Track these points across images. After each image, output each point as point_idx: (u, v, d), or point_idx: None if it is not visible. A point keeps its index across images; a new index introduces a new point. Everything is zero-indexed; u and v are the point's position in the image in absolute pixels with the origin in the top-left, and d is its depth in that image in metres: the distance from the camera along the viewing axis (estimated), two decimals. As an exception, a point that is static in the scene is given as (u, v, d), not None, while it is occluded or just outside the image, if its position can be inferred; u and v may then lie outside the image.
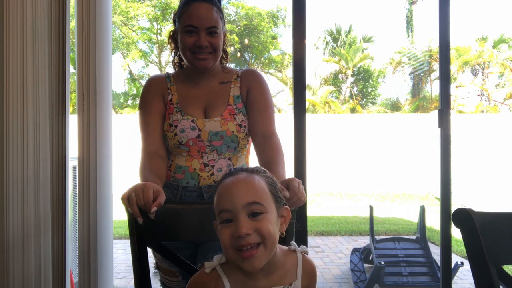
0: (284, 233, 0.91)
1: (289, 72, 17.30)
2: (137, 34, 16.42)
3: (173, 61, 1.49)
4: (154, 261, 1.41)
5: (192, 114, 1.36)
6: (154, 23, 16.17)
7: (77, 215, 1.83)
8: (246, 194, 0.85)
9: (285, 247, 0.94)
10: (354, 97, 18.77)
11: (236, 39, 16.00)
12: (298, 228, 0.96)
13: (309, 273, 0.93)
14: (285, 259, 0.91)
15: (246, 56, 17.83)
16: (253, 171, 0.91)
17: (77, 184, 1.82)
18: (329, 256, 4.61)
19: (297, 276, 0.90)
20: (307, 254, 0.94)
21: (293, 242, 0.95)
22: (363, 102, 19.26)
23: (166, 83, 1.42)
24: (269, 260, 0.86)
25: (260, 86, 1.42)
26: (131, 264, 1.07)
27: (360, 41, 19.03)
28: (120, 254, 4.49)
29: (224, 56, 1.44)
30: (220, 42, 1.35)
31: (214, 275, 0.89)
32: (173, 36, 1.43)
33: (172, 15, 1.44)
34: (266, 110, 1.40)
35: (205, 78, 1.42)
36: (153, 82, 1.44)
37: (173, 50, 1.45)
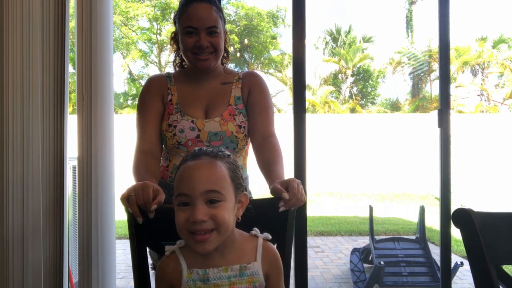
0: (239, 217, 0.94)
1: (289, 72, 17.29)
2: (136, 34, 16.42)
3: (174, 61, 1.49)
4: (151, 262, 1.40)
5: (192, 115, 1.36)
6: (154, 23, 16.17)
7: (77, 215, 1.83)
8: (206, 181, 0.86)
9: (247, 233, 0.97)
10: (354, 97, 18.77)
11: (236, 39, 16.00)
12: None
13: (271, 260, 0.95)
14: (244, 242, 0.95)
15: (246, 56, 17.84)
16: (217, 156, 0.91)
17: (77, 184, 1.82)
18: (329, 256, 4.61)
19: (257, 258, 0.93)
20: (269, 241, 0.97)
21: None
22: (363, 102, 19.27)
23: (167, 83, 1.42)
24: (226, 241, 0.90)
25: (261, 88, 1.43)
26: (131, 264, 1.06)
27: (360, 41, 19.03)
28: (120, 254, 4.48)
29: (225, 55, 1.44)
30: (220, 41, 1.35)
31: (173, 257, 0.94)
32: (174, 37, 1.43)
33: (172, 15, 1.44)
34: (266, 112, 1.40)
35: (206, 78, 1.42)
36: (153, 81, 1.44)
37: (175, 51, 1.45)
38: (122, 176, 2.20)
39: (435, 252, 3.18)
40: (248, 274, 0.92)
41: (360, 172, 9.47)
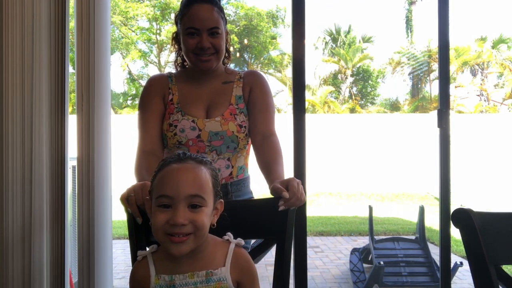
0: (215, 224, 0.93)
1: (288, 72, 17.29)
2: (136, 34, 16.41)
3: (175, 61, 1.49)
4: None
5: (193, 114, 1.36)
6: (154, 23, 16.16)
7: (76, 215, 1.83)
8: (191, 185, 0.86)
9: (219, 238, 0.96)
10: (353, 97, 18.77)
11: (236, 39, 16.00)
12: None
13: (242, 266, 0.93)
14: (215, 248, 0.93)
15: (246, 56, 17.84)
16: (201, 161, 0.92)
17: (76, 184, 1.82)
18: (329, 256, 4.61)
19: (226, 263, 0.92)
20: (241, 246, 0.95)
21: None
22: (362, 102, 19.26)
23: (168, 83, 1.42)
24: (197, 247, 0.89)
25: (262, 87, 1.43)
26: (130, 264, 1.06)
27: (360, 41, 19.03)
28: (119, 254, 4.48)
29: (226, 55, 1.44)
30: (222, 42, 1.35)
31: (144, 262, 0.94)
32: (175, 38, 1.43)
33: (173, 16, 1.44)
34: (266, 111, 1.40)
35: (208, 78, 1.42)
36: (154, 81, 1.45)
37: (176, 52, 1.46)
38: (122, 176, 2.20)
39: (435, 252, 3.18)
40: (215, 280, 0.90)
41: (359, 172, 9.47)
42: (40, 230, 1.71)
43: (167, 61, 16.55)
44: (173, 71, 1.51)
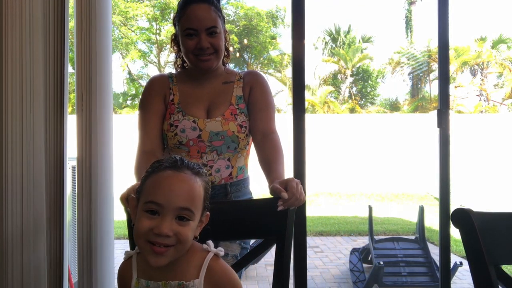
0: (197, 236, 0.90)
1: (288, 72, 17.30)
2: (136, 34, 16.41)
3: (175, 63, 1.49)
4: None
5: (194, 115, 1.36)
6: (153, 23, 16.16)
7: (76, 216, 1.83)
8: (184, 198, 0.83)
9: (200, 246, 0.92)
10: (353, 97, 18.77)
11: (235, 39, 15.99)
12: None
13: (218, 280, 0.88)
14: (192, 257, 0.89)
15: (245, 56, 17.84)
16: (198, 173, 0.88)
17: (76, 184, 1.82)
18: (328, 256, 4.62)
19: (200, 276, 0.87)
20: (219, 257, 0.90)
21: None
22: (362, 102, 19.27)
23: (168, 83, 1.43)
24: None
25: (262, 86, 1.43)
26: (130, 264, 1.06)
27: (359, 41, 19.03)
28: (119, 254, 4.47)
29: (226, 54, 1.44)
30: (220, 41, 1.35)
31: (129, 263, 0.93)
32: (174, 39, 1.43)
33: (172, 16, 1.44)
34: (266, 109, 1.40)
35: (208, 78, 1.42)
36: (155, 81, 1.45)
37: (176, 53, 1.46)
38: (122, 176, 2.20)
39: (435, 252, 3.18)
40: None
41: (359, 172, 9.47)
42: (39, 231, 1.71)
43: (167, 61, 16.55)
44: (173, 71, 1.51)
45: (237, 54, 17.01)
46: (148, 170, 0.89)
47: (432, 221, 5.72)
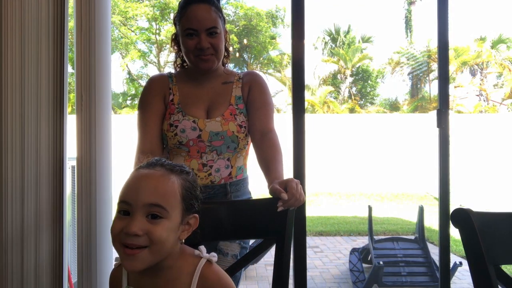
0: (183, 240, 0.86)
1: (288, 72, 17.30)
2: (135, 34, 16.41)
3: (175, 62, 1.49)
4: None
5: (193, 115, 1.36)
6: (153, 23, 16.16)
7: (75, 215, 1.83)
8: (152, 193, 0.79)
9: (192, 251, 0.87)
10: (353, 97, 18.78)
11: (235, 39, 16.00)
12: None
13: (211, 286, 0.83)
14: (183, 263, 0.85)
15: (245, 56, 17.84)
16: (173, 170, 0.84)
17: (76, 184, 1.82)
18: (328, 256, 4.62)
19: (192, 285, 0.83)
20: (213, 263, 0.86)
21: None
22: (362, 102, 19.28)
23: (168, 83, 1.43)
24: (164, 262, 0.82)
25: (260, 85, 1.44)
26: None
27: (359, 41, 19.04)
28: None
29: (225, 54, 1.44)
30: (220, 42, 1.36)
31: (120, 270, 0.90)
32: (175, 39, 1.43)
33: (172, 16, 1.44)
34: (264, 108, 1.40)
35: (208, 78, 1.42)
36: (154, 81, 1.45)
37: (176, 53, 1.46)
38: (121, 176, 2.19)
39: (434, 252, 3.18)
40: None
41: (359, 172, 9.48)
42: (38, 231, 1.71)
43: (167, 61, 16.55)
44: (173, 71, 1.51)
45: (237, 54, 17.02)
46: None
47: (432, 221, 5.72)
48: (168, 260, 0.83)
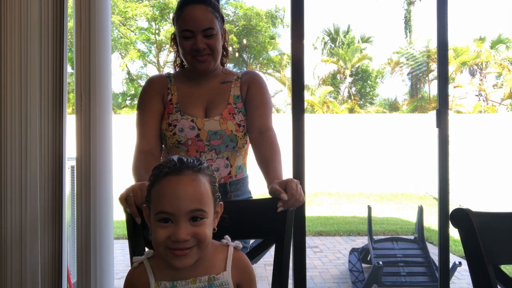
0: (216, 228, 0.92)
1: (287, 72, 17.31)
2: (135, 34, 16.40)
3: (174, 62, 1.49)
4: None
5: (192, 114, 1.37)
6: (153, 23, 16.16)
7: (75, 216, 1.83)
8: (191, 200, 0.83)
9: (218, 242, 0.95)
10: (352, 97, 18.78)
11: (235, 39, 16.00)
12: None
13: (242, 268, 0.93)
14: (215, 252, 0.92)
15: (245, 56, 17.84)
16: (199, 170, 0.87)
17: (75, 184, 1.82)
18: (328, 256, 4.62)
19: (227, 268, 0.91)
20: (239, 249, 0.95)
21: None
22: (361, 102, 19.28)
23: (167, 83, 1.43)
24: None
25: (259, 84, 1.44)
26: (129, 264, 1.06)
27: (359, 41, 19.04)
28: (118, 254, 4.48)
29: (224, 53, 1.44)
30: (217, 43, 1.35)
31: (141, 269, 0.91)
32: (174, 39, 1.43)
33: (171, 16, 1.45)
34: (263, 106, 1.40)
35: (206, 78, 1.42)
36: (153, 81, 1.45)
37: (176, 52, 1.46)
38: (121, 176, 2.20)
39: (434, 252, 3.19)
40: (217, 284, 0.89)
41: (358, 172, 9.48)
42: (38, 231, 1.71)
43: (166, 61, 16.55)
44: (172, 71, 1.51)
45: (236, 54, 17.02)
46: (150, 178, 0.88)
47: (431, 221, 5.73)
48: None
